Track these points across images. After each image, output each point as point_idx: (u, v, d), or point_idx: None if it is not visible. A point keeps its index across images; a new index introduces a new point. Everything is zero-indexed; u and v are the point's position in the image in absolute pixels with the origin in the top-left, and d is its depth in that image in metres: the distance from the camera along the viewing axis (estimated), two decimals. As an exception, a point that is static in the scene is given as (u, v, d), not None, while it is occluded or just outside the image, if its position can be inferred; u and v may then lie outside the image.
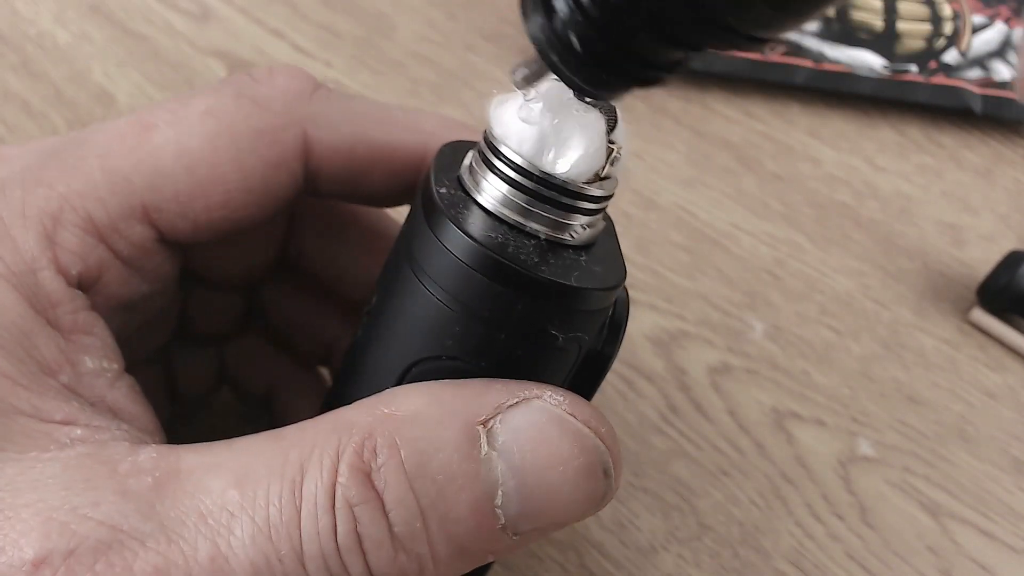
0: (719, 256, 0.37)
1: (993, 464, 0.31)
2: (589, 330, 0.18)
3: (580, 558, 0.29)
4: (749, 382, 0.33)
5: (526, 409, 0.17)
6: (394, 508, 0.16)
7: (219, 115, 0.20)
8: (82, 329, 0.19)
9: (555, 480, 0.17)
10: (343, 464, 0.16)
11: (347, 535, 0.16)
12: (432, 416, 0.17)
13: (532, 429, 0.17)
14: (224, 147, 0.20)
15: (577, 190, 0.17)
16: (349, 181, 0.22)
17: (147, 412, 0.19)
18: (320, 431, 0.17)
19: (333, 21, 0.45)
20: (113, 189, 0.19)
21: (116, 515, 0.16)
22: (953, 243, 0.37)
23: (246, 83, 0.21)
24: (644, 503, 0.30)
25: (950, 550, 0.29)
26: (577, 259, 0.18)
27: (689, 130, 0.41)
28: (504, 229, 0.17)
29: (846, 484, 0.30)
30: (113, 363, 0.19)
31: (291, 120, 0.21)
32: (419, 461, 0.16)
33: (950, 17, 0.43)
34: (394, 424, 0.16)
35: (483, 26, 0.45)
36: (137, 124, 0.20)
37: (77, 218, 0.19)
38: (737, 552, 0.29)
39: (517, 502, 0.17)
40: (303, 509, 0.16)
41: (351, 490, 0.16)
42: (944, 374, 0.33)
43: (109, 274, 0.20)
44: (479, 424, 0.16)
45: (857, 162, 0.40)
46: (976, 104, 0.41)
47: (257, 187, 0.21)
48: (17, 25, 0.44)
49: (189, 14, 0.45)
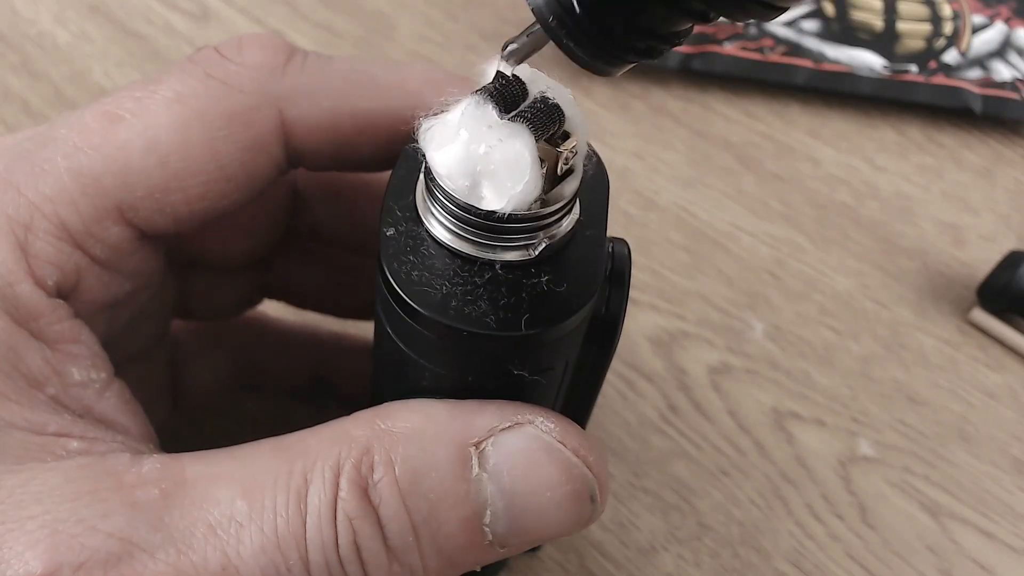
0: (719, 256, 0.37)
1: (993, 464, 0.31)
2: (563, 354, 0.18)
3: (580, 558, 0.29)
4: (749, 382, 0.33)
5: (518, 434, 0.17)
6: (389, 522, 0.17)
7: (187, 101, 0.19)
8: (68, 339, 0.18)
9: (542, 504, 0.17)
10: (343, 479, 0.17)
11: (347, 547, 0.16)
12: (427, 434, 0.17)
13: (522, 454, 0.17)
14: (196, 136, 0.19)
15: (524, 217, 0.16)
16: (336, 154, 0.21)
17: (139, 420, 0.19)
18: (323, 441, 0.17)
19: (333, 21, 0.45)
20: (84, 191, 0.19)
21: (126, 527, 0.16)
22: (953, 243, 0.37)
23: (214, 60, 0.20)
24: (644, 503, 0.30)
25: (950, 550, 0.29)
26: (538, 282, 0.17)
27: (689, 130, 0.41)
28: (456, 266, 0.17)
29: (846, 484, 0.30)
30: (101, 372, 0.19)
31: (265, 99, 0.20)
32: (413, 479, 0.17)
33: (950, 17, 0.43)
34: (390, 441, 0.17)
35: (483, 26, 0.45)
36: (102, 116, 0.19)
37: (49, 225, 0.18)
38: (737, 552, 0.29)
39: (505, 521, 0.17)
40: (308, 521, 0.16)
41: (350, 503, 0.16)
42: (944, 374, 0.33)
43: (88, 279, 0.19)
44: (471, 446, 0.17)
45: (857, 162, 0.40)
46: (976, 104, 0.41)
47: (235, 173, 0.20)
48: (17, 25, 0.44)
49: (189, 14, 0.45)
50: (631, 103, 0.42)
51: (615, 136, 0.41)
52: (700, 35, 0.43)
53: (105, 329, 0.21)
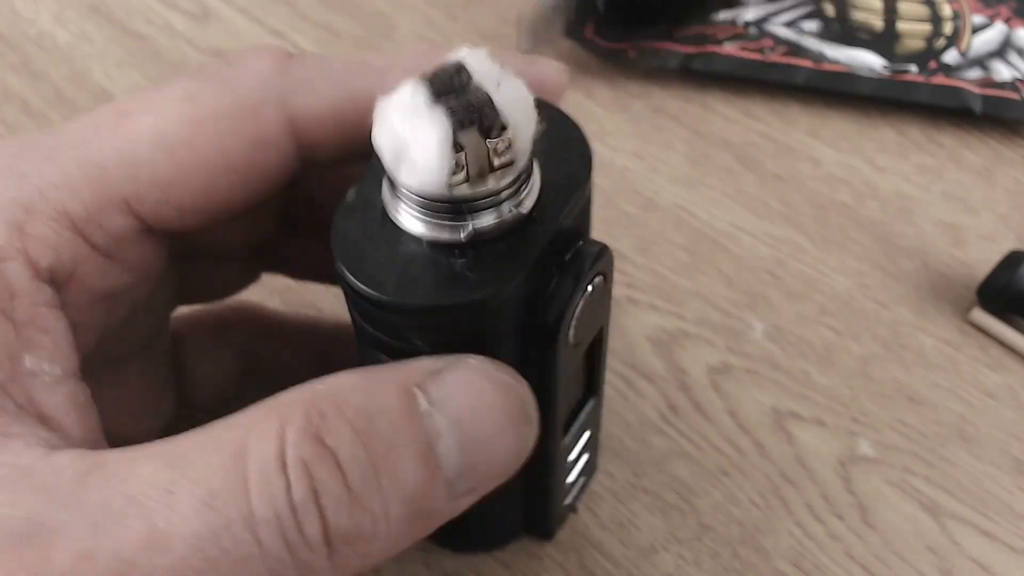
0: (719, 256, 0.37)
1: (993, 464, 0.31)
2: (467, 337, 0.19)
3: (580, 558, 0.29)
4: (749, 382, 0.33)
5: (455, 370, 0.18)
6: (348, 464, 0.16)
7: (196, 98, 0.20)
8: (37, 325, 0.18)
9: (489, 428, 0.18)
10: (291, 430, 0.16)
11: (303, 492, 0.16)
12: (369, 384, 0.17)
13: (464, 384, 0.18)
14: (204, 131, 0.20)
15: (435, 197, 0.17)
16: (344, 142, 0.21)
17: (85, 427, 0.18)
18: (255, 415, 0.17)
19: (333, 21, 0.45)
20: (89, 180, 0.19)
21: (32, 508, 0.15)
22: (953, 243, 0.37)
23: (220, 67, 0.21)
24: (644, 503, 0.30)
25: (950, 550, 0.29)
26: (453, 263, 0.18)
27: (689, 130, 0.41)
28: (390, 233, 0.18)
29: (846, 484, 0.30)
30: (56, 367, 0.18)
31: (268, 95, 0.20)
32: (366, 423, 0.16)
33: (950, 17, 0.43)
34: (335, 392, 0.17)
35: (483, 26, 0.45)
36: (113, 113, 0.20)
37: (51, 210, 0.18)
38: (737, 552, 0.29)
39: (457, 453, 0.17)
40: (251, 476, 0.15)
41: (304, 448, 0.16)
42: (944, 374, 0.33)
43: (87, 267, 0.19)
44: (415, 386, 0.17)
45: (857, 162, 0.40)
46: (976, 104, 0.41)
47: (241, 167, 0.20)
48: (17, 25, 0.44)
49: (189, 14, 0.45)
50: (631, 103, 0.42)
51: (615, 136, 0.41)
52: (700, 35, 0.43)
53: (104, 320, 0.21)
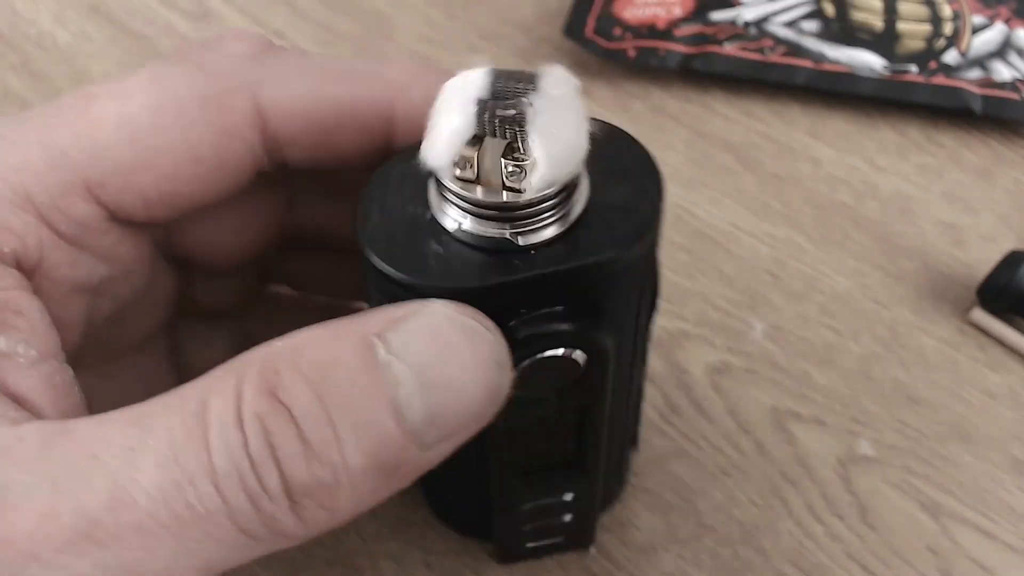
0: (719, 256, 0.37)
1: (993, 464, 0.31)
2: None
3: (580, 558, 0.29)
4: (749, 382, 0.33)
5: (416, 316, 0.17)
6: (303, 416, 0.16)
7: (163, 83, 0.20)
8: (10, 308, 0.18)
9: (454, 374, 0.17)
10: (246, 386, 0.16)
11: (259, 445, 0.16)
12: (326, 337, 0.17)
13: (425, 330, 0.17)
14: (168, 115, 0.19)
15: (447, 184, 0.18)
16: (315, 145, 0.21)
17: (59, 405, 0.18)
18: (214, 374, 0.17)
19: (333, 21, 0.45)
20: (52, 164, 0.19)
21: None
22: (953, 243, 0.37)
23: (195, 51, 0.20)
24: (644, 503, 0.30)
25: (950, 550, 0.29)
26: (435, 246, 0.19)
27: (689, 130, 0.41)
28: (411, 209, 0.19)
29: (846, 484, 0.30)
30: (32, 349, 0.18)
31: (240, 84, 0.20)
32: (321, 375, 0.16)
33: (950, 17, 0.43)
34: (291, 349, 0.17)
35: (483, 26, 0.45)
36: (80, 97, 0.20)
37: (13, 195, 0.18)
38: (737, 552, 0.29)
39: (421, 400, 0.16)
40: (211, 430, 0.15)
41: (259, 403, 0.16)
42: (944, 374, 0.33)
43: (54, 255, 0.19)
44: (373, 335, 0.17)
45: (857, 162, 0.40)
46: (976, 104, 0.41)
47: (207, 157, 0.20)
48: (17, 25, 0.44)
49: (189, 14, 0.45)
50: (631, 103, 0.42)
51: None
52: (700, 35, 0.43)
53: (87, 314, 0.20)
